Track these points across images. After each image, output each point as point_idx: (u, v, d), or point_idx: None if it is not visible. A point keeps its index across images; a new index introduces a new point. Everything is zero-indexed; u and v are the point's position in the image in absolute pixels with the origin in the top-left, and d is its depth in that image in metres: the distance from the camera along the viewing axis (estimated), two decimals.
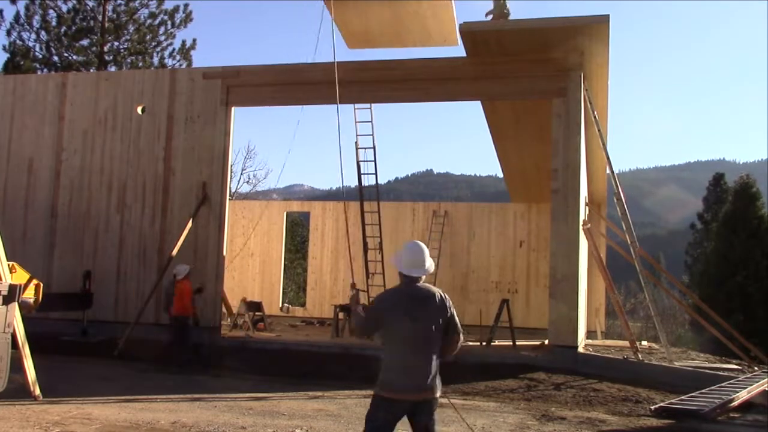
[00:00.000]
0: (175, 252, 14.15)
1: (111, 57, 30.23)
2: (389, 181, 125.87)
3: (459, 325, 4.99)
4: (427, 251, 4.98)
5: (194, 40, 31.43)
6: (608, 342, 18.65)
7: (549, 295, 13.18)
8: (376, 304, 4.98)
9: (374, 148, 16.91)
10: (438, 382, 4.76)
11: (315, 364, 12.36)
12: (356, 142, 17.00)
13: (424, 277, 4.94)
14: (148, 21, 30.59)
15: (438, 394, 4.78)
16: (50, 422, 7.32)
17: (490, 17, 14.32)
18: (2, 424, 7.10)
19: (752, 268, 24.43)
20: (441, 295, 4.90)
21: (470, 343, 15.72)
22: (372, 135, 16.91)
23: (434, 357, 4.77)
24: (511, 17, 14.23)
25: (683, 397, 9.67)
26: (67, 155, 15.89)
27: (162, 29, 30.78)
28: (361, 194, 16.95)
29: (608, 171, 15.12)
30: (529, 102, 15.06)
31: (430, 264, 4.94)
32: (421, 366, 4.72)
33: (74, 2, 29.79)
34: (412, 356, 4.74)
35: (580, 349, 13.40)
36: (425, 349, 4.76)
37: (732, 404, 9.33)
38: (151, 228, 15.21)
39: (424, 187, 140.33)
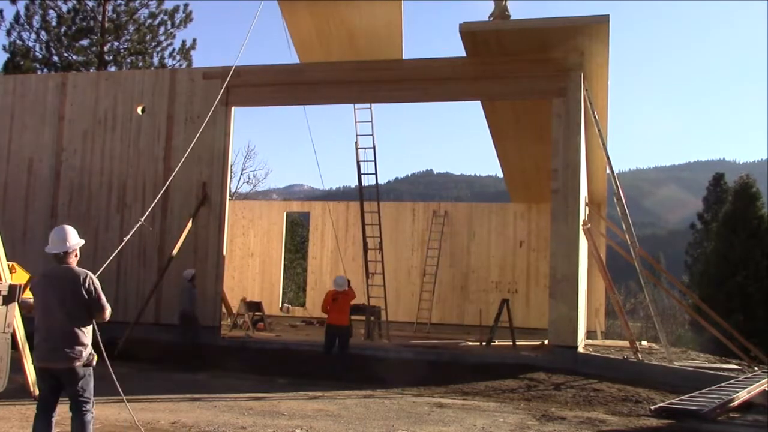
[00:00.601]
0: (175, 252, 14.15)
1: (111, 57, 30.21)
2: (389, 181, 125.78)
3: (102, 301, 5.51)
4: (68, 233, 5.55)
5: (194, 40, 31.42)
6: (608, 342, 18.66)
7: (549, 295, 13.18)
8: (35, 283, 5.76)
9: (374, 148, 16.93)
10: (77, 353, 5.33)
11: (315, 364, 12.35)
12: (356, 142, 17.02)
13: (75, 261, 5.58)
14: (148, 21, 30.57)
15: (76, 365, 5.35)
16: None
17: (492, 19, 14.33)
18: (2, 424, 7.10)
19: (752, 268, 24.41)
20: (80, 277, 5.43)
21: (470, 343, 15.76)
22: (372, 135, 16.92)
23: (68, 330, 5.32)
24: (511, 17, 14.24)
25: (683, 397, 9.67)
26: (67, 155, 15.88)
27: (162, 29, 30.75)
28: (361, 194, 16.95)
29: (608, 171, 15.12)
30: (529, 102, 15.07)
31: (71, 244, 5.53)
32: (51, 338, 5.34)
33: (74, 2, 29.77)
34: (44, 329, 5.38)
35: (580, 349, 13.40)
36: (55, 322, 5.34)
37: (732, 404, 9.33)
38: (151, 228, 15.19)
39: (424, 187, 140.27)
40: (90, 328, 5.55)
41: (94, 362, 5.58)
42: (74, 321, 5.39)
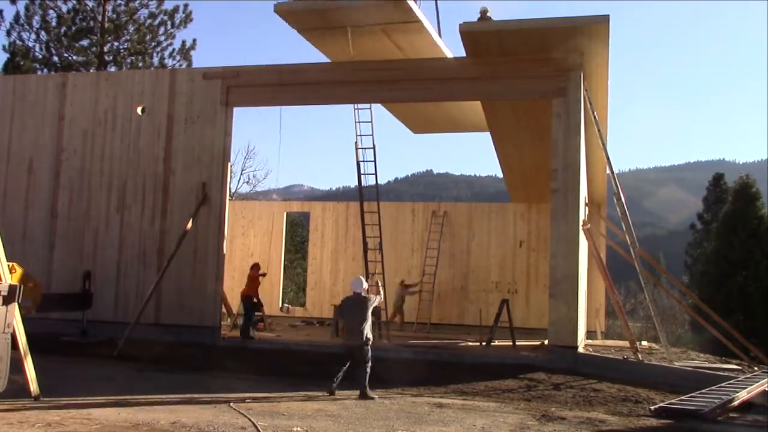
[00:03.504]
0: (175, 251, 14.15)
1: (111, 57, 30.23)
2: (389, 181, 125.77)
3: (375, 306, 10.81)
4: (363, 282, 10.44)
5: (194, 41, 31.47)
6: (608, 342, 18.65)
7: (549, 295, 13.17)
8: (341, 303, 10.73)
9: (374, 148, 16.91)
10: (363, 338, 9.94)
11: (315, 364, 12.34)
12: (356, 142, 17.00)
13: (364, 292, 10.32)
14: (148, 21, 30.61)
15: (361, 343, 9.93)
16: (50, 422, 7.32)
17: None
18: (2, 424, 7.10)
19: (752, 268, 24.45)
20: (367, 301, 10.24)
21: (470, 343, 15.76)
22: (372, 135, 16.90)
23: (359, 327, 9.95)
24: (504, 18, 14.23)
25: (683, 397, 9.67)
26: (67, 155, 15.88)
27: (162, 29, 30.79)
28: (361, 194, 16.93)
29: (608, 171, 15.12)
30: (529, 102, 15.06)
31: (363, 288, 10.33)
32: (353, 330, 10.06)
33: (74, 2, 29.81)
34: (350, 327, 10.19)
35: (580, 349, 13.40)
36: (354, 323, 10.07)
37: (732, 404, 9.33)
38: (151, 228, 15.21)
39: (424, 187, 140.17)
40: (369, 326, 10.09)
41: (371, 342, 10.13)
42: (362, 322, 9.98)
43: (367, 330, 10.05)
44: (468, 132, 20.32)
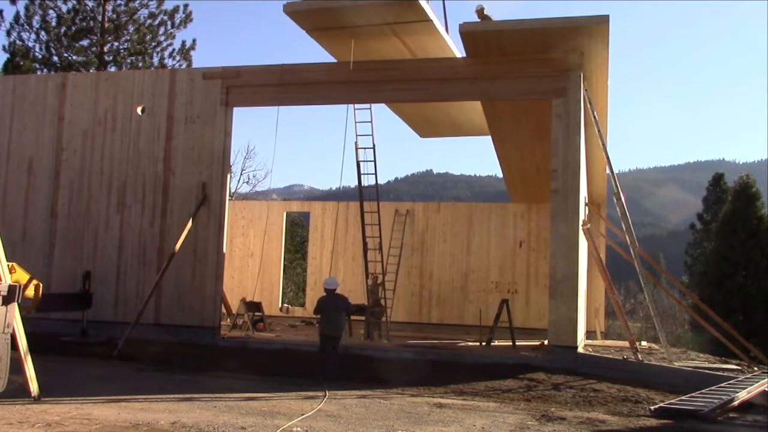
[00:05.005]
0: (175, 250, 14.14)
1: (111, 57, 30.25)
2: (389, 181, 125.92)
3: (351, 309, 13.87)
4: (336, 281, 13.44)
5: (194, 41, 31.53)
6: (608, 342, 18.65)
7: (549, 295, 13.18)
8: (320, 300, 13.25)
9: (374, 148, 16.92)
10: (341, 331, 12.98)
11: (315, 364, 12.34)
12: (356, 142, 17.01)
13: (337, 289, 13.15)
14: (148, 21, 30.65)
15: (339, 335, 12.87)
16: (50, 422, 7.32)
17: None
18: (2, 424, 7.10)
19: (752, 269, 24.44)
20: (343, 298, 13.30)
21: (470, 343, 15.76)
22: (372, 135, 16.92)
23: (339, 320, 12.93)
24: (503, 18, 14.24)
25: (683, 398, 9.67)
26: (67, 155, 15.88)
27: (162, 29, 30.84)
28: (361, 194, 16.95)
29: (608, 171, 15.13)
30: (529, 102, 15.07)
31: (336, 285, 13.28)
32: (332, 323, 12.78)
33: (74, 2, 29.83)
34: (328, 319, 12.89)
35: (580, 350, 13.41)
36: (333, 316, 12.82)
37: (732, 404, 9.33)
38: (151, 228, 15.21)
39: (424, 187, 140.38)
40: (345, 321, 13.27)
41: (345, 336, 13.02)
42: (340, 316, 12.80)
43: (344, 325, 12.96)
44: (473, 136, 20.45)
